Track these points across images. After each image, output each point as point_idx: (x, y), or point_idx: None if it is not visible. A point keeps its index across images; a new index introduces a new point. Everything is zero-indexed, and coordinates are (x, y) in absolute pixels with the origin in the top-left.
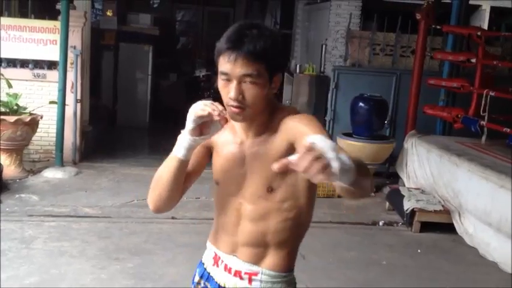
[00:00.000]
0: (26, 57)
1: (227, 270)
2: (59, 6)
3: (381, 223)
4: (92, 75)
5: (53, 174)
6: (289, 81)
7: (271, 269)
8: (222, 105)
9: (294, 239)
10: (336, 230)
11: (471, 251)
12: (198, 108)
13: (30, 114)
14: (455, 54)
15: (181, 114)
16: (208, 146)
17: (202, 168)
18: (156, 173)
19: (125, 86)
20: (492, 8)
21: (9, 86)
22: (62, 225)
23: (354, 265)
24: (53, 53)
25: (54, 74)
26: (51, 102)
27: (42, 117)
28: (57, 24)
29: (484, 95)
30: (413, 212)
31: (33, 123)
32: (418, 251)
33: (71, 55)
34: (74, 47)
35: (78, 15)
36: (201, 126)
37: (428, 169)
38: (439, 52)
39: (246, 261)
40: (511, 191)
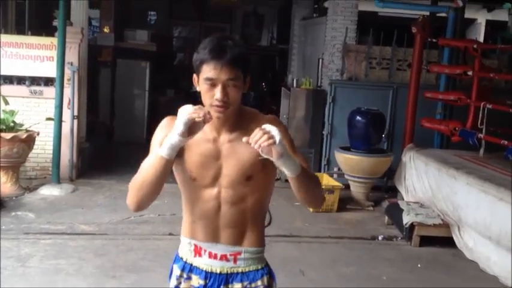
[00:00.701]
0: (22, 73)
1: (212, 256)
2: (55, 23)
3: (380, 237)
4: (89, 92)
5: (49, 191)
6: (286, 96)
7: (251, 246)
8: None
9: (263, 215)
10: (335, 245)
11: (471, 265)
12: (191, 111)
13: (27, 131)
14: (451, 67)
15: None
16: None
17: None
18: (137, 174)
19: (122, 102)
20: (487, 21)
21: (6, 103)
22: (59, 243)
23: (354, 280)
24: (49, 69)
25: (51, 91)
26: (48, 119)
27: (38, 134)
28: (54, 40)
29: (481, 107)
30: (412, 226)
31: (30, 140)
32: (418, 265)
33: (68, 71)
34: (71, 64)
35: (75, 32)
36: (189, 128)
37: (426, 182)
38: (436, 65)
39: (229, 244)
40: (511, 203)
